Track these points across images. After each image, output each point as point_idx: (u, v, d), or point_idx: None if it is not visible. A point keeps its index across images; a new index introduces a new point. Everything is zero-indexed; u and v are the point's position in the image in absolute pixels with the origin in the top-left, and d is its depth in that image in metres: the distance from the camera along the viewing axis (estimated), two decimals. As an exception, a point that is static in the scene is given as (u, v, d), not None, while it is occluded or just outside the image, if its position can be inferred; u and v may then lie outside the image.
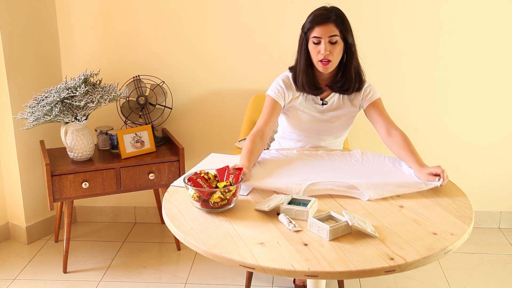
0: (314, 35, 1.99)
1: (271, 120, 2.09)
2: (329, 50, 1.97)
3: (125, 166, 2.54)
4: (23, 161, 2.78)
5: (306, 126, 2.16)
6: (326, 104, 2.13)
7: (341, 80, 2.08)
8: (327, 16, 1.98)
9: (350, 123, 2.21)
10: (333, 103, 2.13)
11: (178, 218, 1.54)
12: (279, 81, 2.14)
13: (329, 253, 1.33)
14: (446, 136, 2.94)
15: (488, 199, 3.01)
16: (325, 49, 1.97)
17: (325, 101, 2.13)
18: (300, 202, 1.59)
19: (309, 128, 2.17)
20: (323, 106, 2.13)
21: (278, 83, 2.13)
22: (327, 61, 1.99)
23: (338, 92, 2.12)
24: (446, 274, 2.56)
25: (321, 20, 1.98)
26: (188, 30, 2.85)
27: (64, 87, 2.43)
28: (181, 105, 2.95)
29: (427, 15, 2.76)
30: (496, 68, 2.82)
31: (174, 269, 2.62)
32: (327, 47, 1.97)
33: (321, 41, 1.98)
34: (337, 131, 2.18)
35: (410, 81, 2.87)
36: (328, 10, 2.01)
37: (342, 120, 2.15)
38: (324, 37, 1.97)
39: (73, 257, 2.73)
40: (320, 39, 1.98)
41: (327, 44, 1.97)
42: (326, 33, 1.97)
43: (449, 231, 1.45)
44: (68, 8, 2.85)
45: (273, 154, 2.04)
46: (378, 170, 1.88)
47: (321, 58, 1.99)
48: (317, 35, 1.98)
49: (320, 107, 2.13)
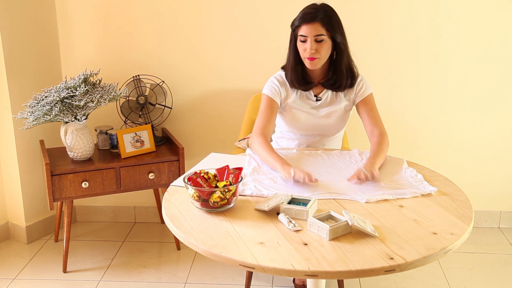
0: (301, 33, 2.02)
1: (271, 118, 2.11)
2: (315, 48, 2.00)
3: (125, 166, 2.54)
4: (23, 160, 2.78)
5: (303, 124, 2.16)
6: (320, 100, 2.15)
7: (333, 77, 2.11)
8: (314, 14, 1.99)
9: (346, 118, 2.21)
10: (327, 99, 2.15)
11: (178, 218, 1.54)
12: (273, 80, 2.16)
13: (329, 253, 1.33)
14: (446, 136, 2.94)
15: (488, 199, 3.01)
16: (311, 48, 2.00)
17: (319, 97, 2.15)
18: (300, 202, 1.59)
19: (305, 126, 2.17)
20: (317, 102, 2.15)
21: (273, 81, 2.15)
22: (312, 58, 2.02)
23: (330, 89, 2.14)
24: (446, 274, 2.56)
25: (308, 19, 1.99)
26: (188, 30, 2.85)
27: (64, 87, 2.43)
28: (181, 105, 2.95)
29: (426, 15, 2.76)
30: (496, 68, 2.82)
31: (174, 269, 2.62)
32: (312, 46, 1.99)
33: (307, 39, 2.00)
34: (334, 127, 2.19)
35: (410, 81, 2.87)
36: (316, 8, 2.02)
37: (337, 115, 2.16)
38: (310, 35, 1.99)
39: (73, 257, 2.73)
40: (306, 37, 2.00)
41: (313, 42, 1.99)
42: (312, 32, 1.99)
43: (449, 231, 1.45)
44: (68, 8, 2.85)
45: None
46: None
47: (307, 56, 2.02)
48: (303, 34, 2.01)
49: (314, 103, 2.15)
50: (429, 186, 1.74)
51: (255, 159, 1.97)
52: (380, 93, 2.89)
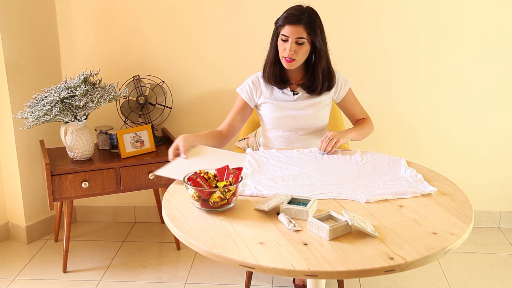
0: (283, 33, 2.07)
1: (235, 119, 2.21)
2: (294, 50, 2.05)
3: (125, 166, 2.54)
4: (23, 160, 2.78)
5: (282, 119, 2.19)
6: (297, 94, 2.19)
7: (309, 81, 2.16)
8: (299, 17, 2.04)
9: (326, 112, 2.24)
10: (304, 93, 2.19)
11: (178, 218, 1.54)
12: (248, 81, 2.25)
13: (329, 253, 1.33)
14: (446, 136, 2.94)
15: (488, 199, 3.01)
16: (290, 49, 2.05)
17: (295, 92, 2.20)
18: (300, 202, 1.59)
19: (285, 121, 2.19)
20: (294, 96, 2.19)
21: (247, 82, 2.24)
22: (290, 59, 2.07)
23: (307, 92, 2.18)
24: (446, 274, 2.56)
25: (292, 20, 2.04)
26: (188, 30, 2.85)
27: (64, 87, 2.43)
28: (181, 104, 2.95)
29: (425, 15, 2.76)
30: (496, 68, 2.82)
31: (174, 269, 2.62)
32: (292, 47, 2.05)
33: (288, 39, 2.05)
34: (313, 119, 2.20)
35: (409, 82, 2.87)
36: (301, 11, 2.06)
37: (316, 107, 2.19)
38: (291, 37, 2.04)
39: (73, 257, 2.73)
40: (288, 38, 2.05)
41: (293, 44, 2.05)
42: (294, 33, 2.04)
43: (449, 231, 1.45)
44: (68, 8, 2.85)
45: (274, 153, 2.04)
46: (374, 172, 1.87)
47: (286, 55, 2.07)
48: (285, 34, 2.06)
49: (291, 97, 2.19)
50: (429, 186, 1.74)
51: (256, 159, 1.97)
52: (380, 93, 2.89)
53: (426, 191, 1.70)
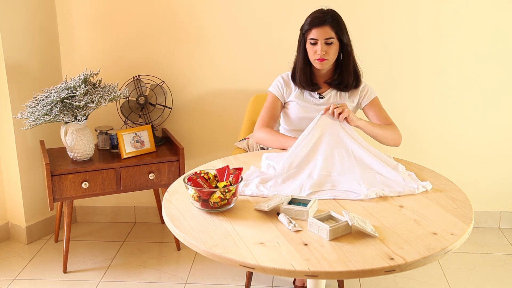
0: (311, 37, 2.12)
1: (275, 114, 2.23)
2: (325, 50, 2.10)
3: (125, 166, 2.54)
4: (23, 161, 2.78)
5: (305, 122, 2.16)
6: (323, 98, 2.22)
7: (339, 78, 2.20)
8: (324, 19, 2.10)
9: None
10: (330, 98, 2.22)
11: (178, 218, 1.54)
12: (278, 78, 2.28)
13: (329, 253, 1.33)
14: (447, 136, 2.94)
15: (488, 199, 3.01)
16: (321, 50, 2.10)
17: (322, 95, 2.22)
18: (300, 202, 1.59)
19: (307, 122, 2.16)
20: (320, 100, 2.22)
21: (278, 80, 2.28)
22: (323, 59, 2.11)
23: (336, 89, 2.22)
24: (446, 274, 2.56)
25: (318, 23, 2.10)
26: (188, 30, 2.85)
27: (64, 87, 2.43)
28: (181, 105, 2.95)
29: (428, 16, 2.76)
30: (497, 68, 2.82)
31: (174, 269, 2.62)
32: (323, 48, 2.10)
33: (318, 42, 2.10)
34: None
35: (411, 82, 2.87)
36: (324, 13, 2.13)
37: None
38: (320, 38, 2.10)
39: (73, 257, 2.73)
40: (317, 40, 2.10)
41: (323, 45, 2.10)
42: (322, 35, 2.09)
43: (449, 231, 1.45)
44: (68, 8, 2.85)
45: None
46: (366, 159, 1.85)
47: (318, 57, 2.11)
48: (314, 37, 2.11)
49: (317, 100, 2.21)
50: (422, 182, 1.76)
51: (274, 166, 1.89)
52: (381, 93, 2.88)
53: (426, 187, 1.72)
